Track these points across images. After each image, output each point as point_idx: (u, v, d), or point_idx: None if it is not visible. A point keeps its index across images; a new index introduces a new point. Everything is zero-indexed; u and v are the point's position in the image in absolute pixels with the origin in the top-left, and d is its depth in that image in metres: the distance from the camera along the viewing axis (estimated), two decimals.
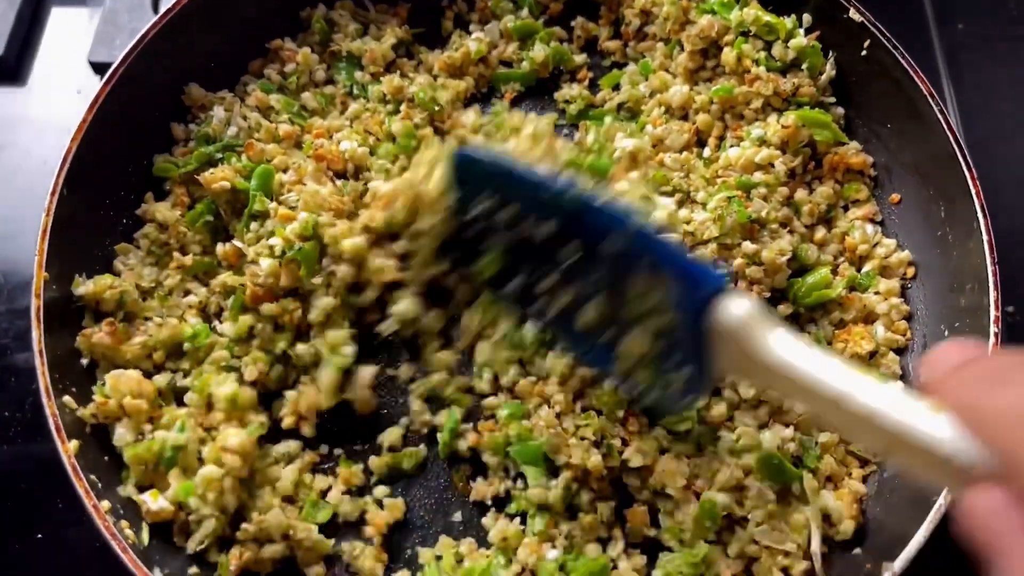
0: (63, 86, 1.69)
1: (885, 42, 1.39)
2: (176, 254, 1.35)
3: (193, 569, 1.14)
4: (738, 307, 0.94)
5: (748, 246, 1.33)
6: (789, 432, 1.25)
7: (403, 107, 1.49)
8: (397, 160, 1.43)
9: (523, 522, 1.24)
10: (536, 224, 1.16)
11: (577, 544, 1.22)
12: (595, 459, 1.21)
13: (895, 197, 1.43)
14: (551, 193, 1.12)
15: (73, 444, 1.12)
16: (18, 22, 1.74)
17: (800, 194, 1.43)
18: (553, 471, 1.24)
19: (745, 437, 1.25)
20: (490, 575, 1.19)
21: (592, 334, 1.18)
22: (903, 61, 1.37)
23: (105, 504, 1.10)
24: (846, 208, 1.46)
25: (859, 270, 1.40)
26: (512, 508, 1.25)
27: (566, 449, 1.23)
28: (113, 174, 1.36)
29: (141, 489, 1.17)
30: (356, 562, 1.21)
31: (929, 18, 1.80)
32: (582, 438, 1.24)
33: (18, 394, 1.40)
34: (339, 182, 1.39)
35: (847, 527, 1.19)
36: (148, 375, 1.27)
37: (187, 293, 1.35)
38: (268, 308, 1.28)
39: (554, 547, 1.21)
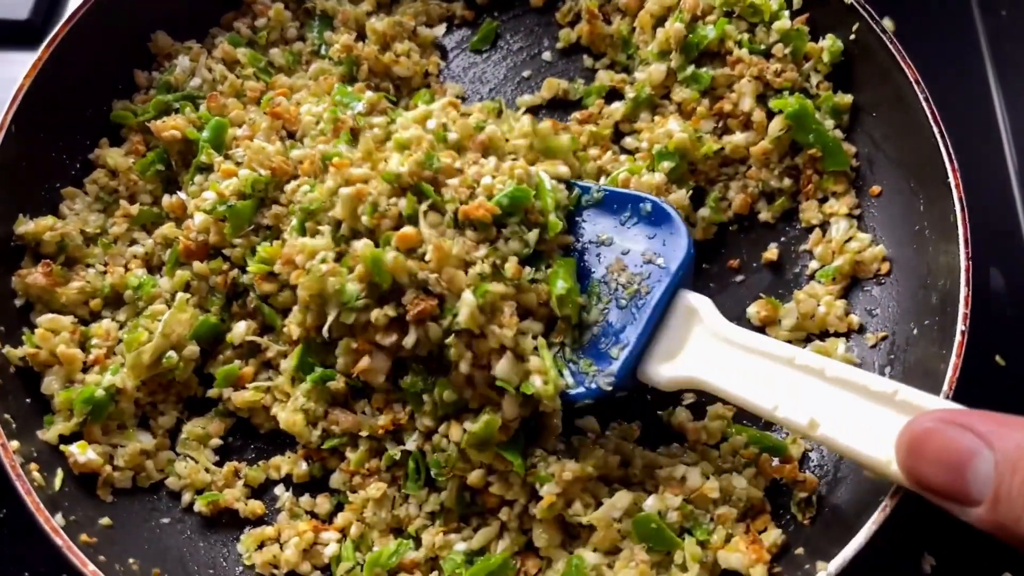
0: None
1: (875, 27, 1.33)
2: (123, 202, 1.32)
3: (105, 520, 1.11)
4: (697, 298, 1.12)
5: None
6: (677, 501, 1.12)
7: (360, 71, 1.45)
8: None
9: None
10: None
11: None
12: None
13: (875, 189, 1.36)
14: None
15: None
16: None
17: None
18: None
19: (625, 500, 1.13)
20: (399, 557, 1.14)
21: None
22: (891, 47, 1.30)
23: (14, 444, 1.07)
24: (824, 200, 1.40)
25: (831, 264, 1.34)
26: None
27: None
28: (68, 116, 1.34)
29: (66, 440, 1.14)
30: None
31: (973, 6, 1.72)
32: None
33: None
34: (288, 142, 1.33)
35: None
36: (84, 323, 1.24)
37: (133, 243, 1.32)
38: (198, 267, 1.24)
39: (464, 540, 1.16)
